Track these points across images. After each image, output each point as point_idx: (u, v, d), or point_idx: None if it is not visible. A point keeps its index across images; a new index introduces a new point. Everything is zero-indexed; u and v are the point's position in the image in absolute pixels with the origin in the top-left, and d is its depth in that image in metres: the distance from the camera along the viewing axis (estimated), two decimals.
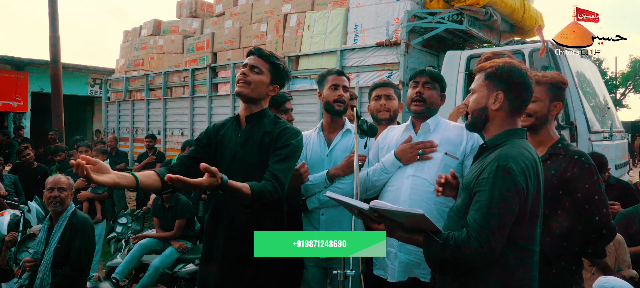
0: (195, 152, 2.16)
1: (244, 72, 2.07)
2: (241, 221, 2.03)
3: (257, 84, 2.06)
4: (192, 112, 7.84)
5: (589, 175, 1.86)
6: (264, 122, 2.10)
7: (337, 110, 2.48)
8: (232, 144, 2.10)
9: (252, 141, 2.06)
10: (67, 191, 3.27)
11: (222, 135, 2.15)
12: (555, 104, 2.01)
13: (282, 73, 2.13)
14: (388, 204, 1.58)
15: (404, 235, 1.58)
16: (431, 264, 1.58)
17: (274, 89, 2.13)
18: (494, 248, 1.46)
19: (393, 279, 2.17)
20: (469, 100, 1.74)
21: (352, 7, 6.02)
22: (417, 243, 1.57)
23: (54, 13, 9.83)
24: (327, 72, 2.58)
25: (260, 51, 2.12)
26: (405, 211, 1.54)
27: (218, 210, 2.11)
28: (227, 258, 2.04)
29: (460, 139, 2.20)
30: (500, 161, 1.52)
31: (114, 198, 7.12)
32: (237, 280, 2.04)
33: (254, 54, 2.12)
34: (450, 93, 5.08)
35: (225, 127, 2.19)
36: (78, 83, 15.05)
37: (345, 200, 1.68)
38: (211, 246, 2.12)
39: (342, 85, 2.48)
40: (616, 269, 2.90)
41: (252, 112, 2.11)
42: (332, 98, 2.47)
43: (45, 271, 3.10)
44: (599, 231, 1.87)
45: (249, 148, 2.05)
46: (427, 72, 2.30)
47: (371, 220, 1.60)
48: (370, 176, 2.31)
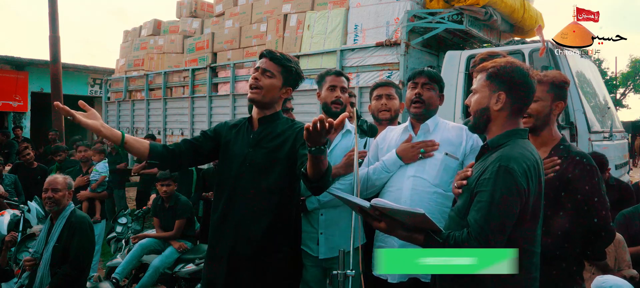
0: (197, 139, 2.20)
1: (256, 76, 2.05)
2: (248, 221, 2.03)
3: (269, 88, 2.05)
4: (192, 112, 7.84)
5: (590, 177, 1.86)
6: (277, 125, 2.10)
7: (334, 112, 2.47)
8: (243, 145, 2.10)
9: (264, 144, 2.06)
10: (63, 191, 3.27)
11: (234, 135, 2.15)
12: (557, 103, 1.99)
13: (294, 75, 2.11)
14: (389, 202, 1.58)
15: (405, 234, 1.58)
16: None
17: (286, 91, 2.11)
18: (493, 248, 1.45)
19: (393, 280, 2.17)
20: (470, 101, 1.74)
21: (352, 7, 6.02)
22: (418, 242, 1.57)
23: (54, 13, 9.83)
24: (326, 72, 2.57)
25: (272, 54, 2.08)
26: (407, 210, 1.54)
27: (226, 209, 2.10)
28: (234, 258, 2.04)
29: (460, 139, 2.20)
30: (502, 162, 1.51)
31: (114, 198, 7.12)
32: (244, 280, 2.04)
33: (266, 56, 2.08)
34: (450, 93, 5.08)
35: (237, 127, 2.18)
36: (78, 83, 15.04)
37: (347, 197, 1.69)
38: (218, 246, 2.12)
39: (340, 86, 2.47)
40: (616, 269, 2.91)
41: (264, 115, 2.11)
42: (330, 99, 2.47)
43: (44, 271, 3.10)
44: (597, 233, 1.86)
45: (260, 151, 2.05)
46: (425, 73, 2.29)
47: (372, 218, 1.60)
48: (371, 175, 2.31)
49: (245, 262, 2.04)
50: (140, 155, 2.06)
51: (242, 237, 2.04)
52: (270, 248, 2.04)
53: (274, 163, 2.02)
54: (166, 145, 2.14)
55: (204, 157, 2.25)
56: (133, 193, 8.51)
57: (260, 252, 2.03)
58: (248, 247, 2.02)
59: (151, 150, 2.04)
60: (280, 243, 2.07)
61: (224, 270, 2.05)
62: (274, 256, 2.05)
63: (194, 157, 2.18)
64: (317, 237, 2.43)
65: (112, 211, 6.80)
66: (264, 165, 2.02)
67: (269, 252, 2.04)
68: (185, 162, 2.21)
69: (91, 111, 1.93)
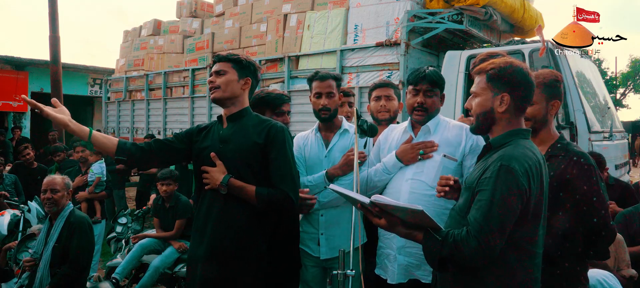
0: (168, 140, 2.26)
1: (211, 80, 2.13)
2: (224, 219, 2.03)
3: (226, 83, 2.10)
4: (192, 112, 7.83)
5: (588, 176, 1.85)
6: (245, 121, 2.13)
7: (323, 118, 2.47)
8: (213, 142, 2.13)
9: (233, 140, 2.08)
10: (62, 191, 3.26)
11: (204, 135, 2.19)
12: (552, 102, 1.98)
13: (246, 65, 2.16)
14: (389, 199, 1.58)
15: (404, 231, 1.58)
16: (430, 261, 1.57)
17: (246, 82, 2.15)
18: (493, 247, 1.45)
19: (393, 281, 2.17)
20: (470, 104, 1.73)
21: (352, 7, 6.02)
22: (417, 240, 1.57)
23: (54, 13, 9.83)
24: (312, 76, 2.53)
25: (219, 56, 2.17)
26: (405, 206, 1.55)
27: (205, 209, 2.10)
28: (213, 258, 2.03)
29: (459, 139, 2.19)
30: (503, 161, 1.51)
31: (114, 198, 7.12)
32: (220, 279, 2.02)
33: (215, 60, 2.17)
34: (450, 93, 5.08)
35: (207, 128, 2.23)
36: (78, 83, 15.04)
37: (348, 193, 1.69)
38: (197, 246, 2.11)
39: (325, 93, 2.44)
40: (616, 269, 2.91)
41: (232, 113, 2.15)
42: (317, 107, 2.47)
43: (44, 271, 3.10)
44: (597, 232, 1.86)
45: (230, 147, 2.07)
46: (427, 79, 2.22)
47: (372, 214, 1.60)
48: (372, 176, 2.31)
49: (222, 260, 2.02)
50: (107, 152, 2.12)
51: (218, 235, 2.03)
52: (247, 246, 2.03)
53: (243, 160, 2.04)
54: (136, 143, 2.18)
55: (174, 158, 2.30)
56: (133, 193, 8.51)
57: (237, 250, 2.02)
58: (226, 243, 2.02)
59: (119, 146, 2.10)
60: (257, 241, 2.05)
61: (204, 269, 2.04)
62: (251, 254, 2.04)
63: (165, 156, 2.24)
64: (318, 237, 2.43)
65: (112, 211, 6.79)
66: (234, 161, 2.04)
67: (245, 250, 2.03)
68: (155, 161, 2.32)
69: (60, 107, 2.05)
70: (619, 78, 27.67)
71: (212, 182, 2.01)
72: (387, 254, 2.23)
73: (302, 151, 2.52)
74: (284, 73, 6.43)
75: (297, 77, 6.38)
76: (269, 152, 2.04)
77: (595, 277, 2.50)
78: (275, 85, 6.50)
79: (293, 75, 6.41)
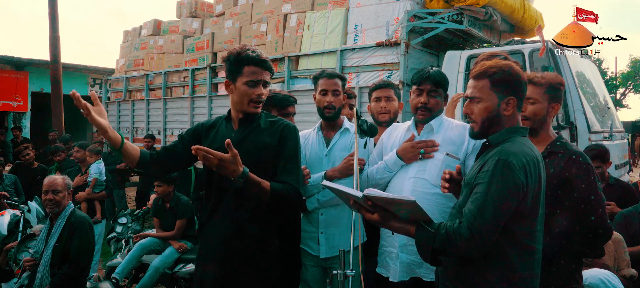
0: (176, 145, 2.19)
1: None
2: (241, 220, 2.03)
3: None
4: (192, 112, 7.83)
5: (586, 175, 1.87)
6: (258, 122, 2.12)
7: (327, 116, 2.47)
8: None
9: (247, 142, 2.06)
10: (63, 192, 3.27)
11: (214, 136, 2.15)
12: (553, 105, 2.01)
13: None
14: (380, 192, 1.58)
15: (397, 225, 1.59)
16: (423, 254, 1.57)
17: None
18: (485, 239, 1.46)
19: (395, 279, 2.18)
20: (470, 109, 1.72)
21: (352, 7, 6.02)
22: (410, 234, 1.57)
23: (54, 13, 9.84)
24: (319, 73, 2.54)
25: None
26: (398, 198, 1.55)
27: (215, 207, 2.10)
28: (227, 258, 2.03)
29: (462, 138, 2.19)
30: (501, 155, 1.53)
31: (114, 198, 7.12)
32: (237, 280, 2.03)
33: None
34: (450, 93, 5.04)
35: (215, 127, 2.19)
36: (78, 83, 15.01)
37: (340, 188, 1.67)
38: (210, 245, 2.11)
39: (331, 90, 2.45)
40: (615, 268, 2.90)
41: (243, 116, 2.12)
42: (322, 104, 2.47)
43: (44, 271, 3.11)
44: (595, 231, 1.87)
45: (244, 149, 2.03)
46: (431, 79, 2.24)
47: (365, 209, 1.60)
48: (374, 174, 2.31)
49: (236, 257, 2.02)
50: (130, 163, 2.09)
51: (232, 232, 2.03)
52: (261, 242, 2.04)
53: (257, 163, 2.01)
54: (152, 153, 2.17)
55: (182, 162, 2.26)
56: (133, 193, 8.51)
57: (251, 246, 2.02)
58: (238, 241, 2.02)
59: (140, 160, 2.09)
60: (271, 237, 2.07)
61: (216, 268, 2.04)
62: (265, 250, 2.05)
63: (172, 163, 2.23)
64: (318, 236, 2.43)
65: (112, 211, 6.80)
66: (248, 165, 2.00)
67: (259, 246, 2.04)
68: (163, 169, 2.35)
69: (100, 107, 1.94)
70: (619, 78, 27.67)
71: (230, 169, 1.82)
72: (389, 252, 2.23)
73: (303, 149, 2.52)
74: (284, 73, 6.43)
75: (297, 77, 6.38)
76: (281, 150, 2.05)
77: (598, 276, 2.50)
78: (275, 85, 6.50)
79: (293, 75, 6.41)
